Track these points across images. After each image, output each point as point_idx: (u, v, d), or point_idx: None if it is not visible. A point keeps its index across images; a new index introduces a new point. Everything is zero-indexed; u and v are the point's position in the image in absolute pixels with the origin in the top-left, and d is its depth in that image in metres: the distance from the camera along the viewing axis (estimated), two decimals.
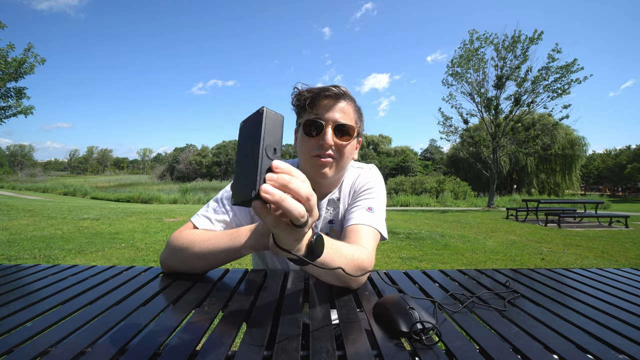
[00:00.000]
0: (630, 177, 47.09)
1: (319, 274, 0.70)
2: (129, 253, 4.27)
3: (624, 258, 4.66)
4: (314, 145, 0.87)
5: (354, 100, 0.92)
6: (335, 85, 0.88)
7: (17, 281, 0.81)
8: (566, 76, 12.25)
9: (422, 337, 0.52)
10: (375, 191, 0.99)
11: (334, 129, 0.86)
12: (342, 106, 0.88)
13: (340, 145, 0.87)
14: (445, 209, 14.84)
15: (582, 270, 1.01)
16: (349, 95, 0.90)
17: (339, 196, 1.02)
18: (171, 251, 0.84)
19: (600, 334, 0.56)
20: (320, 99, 0.86)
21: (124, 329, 0.54)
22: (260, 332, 0.54)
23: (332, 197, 1.01)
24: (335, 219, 1.02)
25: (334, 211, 1.02)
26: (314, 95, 0.87)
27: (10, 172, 51.77)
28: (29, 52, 10.68)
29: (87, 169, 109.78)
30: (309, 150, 0.88)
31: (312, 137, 0.87)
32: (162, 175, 58.62)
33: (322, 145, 0.86)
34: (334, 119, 0.86)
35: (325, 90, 0.86)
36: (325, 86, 0.88)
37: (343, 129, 0.87)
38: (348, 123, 0.87)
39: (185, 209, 11.62)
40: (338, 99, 0.87)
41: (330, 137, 0.85)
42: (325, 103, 0.87)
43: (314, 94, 0.87)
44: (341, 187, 1.03)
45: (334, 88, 0.87)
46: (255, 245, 0.74)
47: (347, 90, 0.89)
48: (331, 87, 0.87)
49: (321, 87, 0.88)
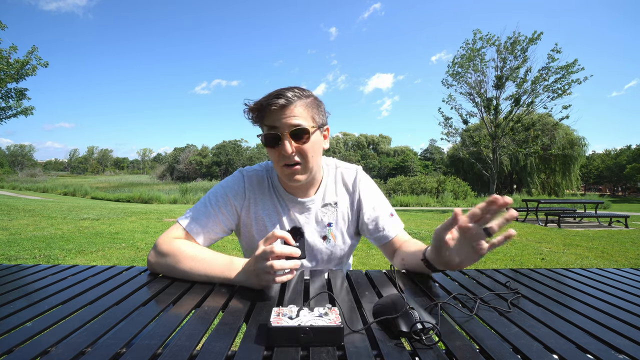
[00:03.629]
0: (630, 177, 47.07)
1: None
2: (129, 253, 4.28)
3: (624, 258, 4.66)
4: (278, 155, 0.89)
5: (304, 96, 0.89)
6: (279, 93, 0.86)
7: (17, 281, 0.81)
8: (566, 76, 12.26)
9: (422, 337, 0.52)
10: (378, 194, 1.08)
11: (291, 136, 0.86)
12: (292, 110, 0.86)
13: (301, 149, 0.88)
14: (445, 209, 14.83)
15: (582, 270, 1.01)
16: (297, 95, 0.88)
17: (336, 200, 1.05)
18: (159, 256, 0.85)
19: (600, 334, 0.56)
20: (269, 112, 0.87)
21: (124, 329, 0.54)
22: (260, 332, 0.54)
23: (329, 201, 1.04)
24: (334, 222, 1.04)
25: (332, 214, 1.04)
26: (261, 110, 0.87)
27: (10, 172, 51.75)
28: (32, 54, 10.70)
29: (87, 169, 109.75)
30: (276, 160, 0.90)
31: (273, 148, 0.88)
32: (162, 175, 58.61)
33: (283, 155, 0.87)
34: (287, 126, 0.86)
35: (270, 104, 0.85)
36: (270, 96, 0.86)
37: (299, 133, 0.87)
38: (302, 125, 0.86)
39: (185, 208, 11.61)
40: (284, 107, 0.86)
41: (288, 146, 0.86)
42: (274, 113, 0.86)
43: (261, 108, 0.87)
44: (336, 191, 1.05)
45: (279, 98, 0.85)
46: (244, 282, 0.76)
47: (293, 93, 0.87)
48: (275, 98, 0.85)
49: (267, 98, 0.86)
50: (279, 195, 1.02)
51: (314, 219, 1.02)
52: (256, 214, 1.00)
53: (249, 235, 1.02)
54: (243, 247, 1.10)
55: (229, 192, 0.98)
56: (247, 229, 1.02)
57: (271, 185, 1.02)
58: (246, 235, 1.03)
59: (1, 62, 10.07)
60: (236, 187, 1.00)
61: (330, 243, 1.03)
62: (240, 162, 53.06)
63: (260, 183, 1.02)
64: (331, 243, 1.04)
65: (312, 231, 1.02)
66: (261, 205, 1.00)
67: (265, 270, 0.69)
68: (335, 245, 1.04)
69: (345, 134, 64.34)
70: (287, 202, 1.01)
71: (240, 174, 1.02)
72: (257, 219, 1.00)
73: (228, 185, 1.00)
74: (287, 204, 1.01)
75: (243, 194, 0.99)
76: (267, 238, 0.72)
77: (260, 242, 0.73)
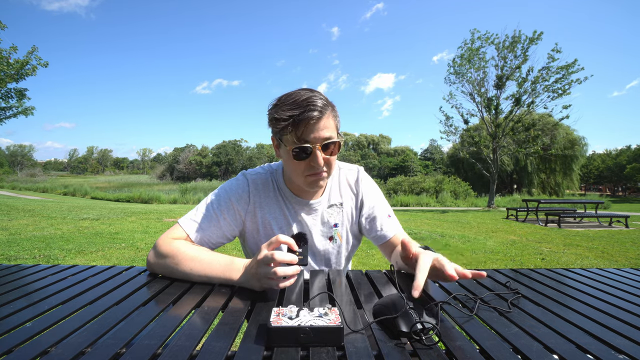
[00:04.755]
0: (630, 177, 47.05)
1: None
2: (129, 253, 4.28)
3: (624, 258, 4.66)
4: (305, 166, 0.87)
5: (330, 105, 0.87)
6: (310, 102, 0.81)
7: (17, 281, 0.81)
8: (566, 76, 12.26)
9: (422, 337, 0.52)
10: (378, 194, 1.09)
11: (322, 148, 0.85)
12: (324, 122, 0.84)
13: (329, 160, 0.87)
14: (445, 208, 14.83)
15: (582, 270, 1.01)
16: (325, 104, 0.84)
17: (341, 201, 1.05)
18: (158, 256, 0.85)
19: (600, 334, 0.56)
20: (304, 126, 0.82)
21: (124, 329, 0.54)
22: (260, 332, 0.54)
23: (334, 202, 1.04)
24: (340, 222, 1.04)
25: (337, 215, 1.04)
26: (295, 123, 0.82)
27: (10, 172, 51.70)
28: (32, 54, 10.70)
29: (87, 169, 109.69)
30: (302, 171, 0.88)
31: (301, 160, 0.86)
32: (162, 175, 58.59)
33: (313, 166, 0.86)
34: (320, 139, 0.83)
35: (308, 118, 0.81)
36: (302, 106, 0.81)
37: (330, 145, 0.86)
38: (334, 138, 0.85)
39: (185, 209, 11.62)
40: (320, 119, 0.83)
41: (320, 159, 0.85)
42: (310, 127, 0.82)
43: (295, 122, 0.81)
44: (340, 191, 1.05)
45: (313, 111, 0.81)
46: (245, 283, 0.76)
47: (324, 102, 0.84)
48: (310, 110, 0.80)
49: (299, 108, 0.81)
50: (285, 198, 1.00)
51: (320, 220, 1.02)
52: (263, 218, 0.98)
53: (255, 240, 1.00)
54: (247, 253, 1.07)
55: (232, 196, 0.96)
56: (253, 234, 1.00)
57: (276, 188, 1.00)
58: (252, 241, 1.01)
59: (1, 62, 10.07)
60: (240, 191, 0.97)
61: (336, 243, 1.04)
62: (240, 162, 53.08)
63: (265, 186, 1.00)
64: (337, 243, 1.04)
65: (319, 232, 1.02)
66: (267, 209, 0.98)
67: (267, 275, 0.69)
68: (341, 245, 1.05)
69: (345, 134, 64.35)
70: (293, 204, 1.00)
71: (244, 178, 0.99)
72: (264, 223, 0.99)
73: (232, 189, 0.97)
74: (293, 206, 1.00)
75: (247, 198, 0.97)
76: (271, 242, 0.72)
77: (263, 246, 0.73)
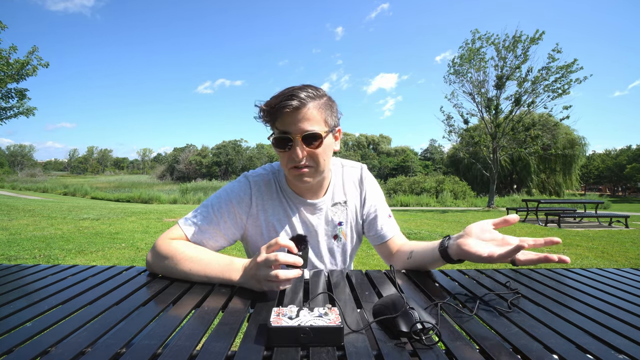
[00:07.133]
0: (630, 177, 47.07)
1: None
2: (129, 253, 4.28)
3: (624, 258, 4.66)
4: (288, 158, 0.86)
5: (317, 96, 0.85)
6: (292, 93, 0.82)
7: (17, 281, 0.80)
8: (566, 76, 12.26)
9: (422, 337, 0.52)
10: (380, 193, 1.10)
11: (303, 140, 0.83)
12: (305, 113, 0.83)
13: (312, 153, 0.86)
14: (445, 209, 14.83)
15: (582, 270, 1.01)
16: (311, 96, 0.83)
17: (345, 199, 1.04)
18: (157, 257, 0.85)
19: (600, 334, 0.56)
20: (281, 115, 0.83)
21: (124, 329, 0.54)
22: (260, 332, 0.54)
23: (338, 200, 1.04)
24: (344, 221, 1.04)
25: (342, 213, 1.04)
26: (273, 111, 0.83)
27: (10, 172, 51.73)
28: (33, 55, 10.69)
29: (87, 169, 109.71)
30: (286, 163, 0.88)
31: (284, 150, 0.86)
32: (162, 175, 58.59)
33: (293, 158, 0.85)
34: (300, 130, 0.82)
35: (283, 106, 0.81)
36: (283, 96, 0.82)
37: (311, 137, 0.84)
38: (315, 130, 0.83)
39: (185, 209, 11.62)
40: (297, 109, 0.82)
41: (299, 151, 0.83)
42: (287, 116, 0.83)
43: (272, 109, 0.83)
44: (344, 189, 1.05)
45: (292, 100, 0.81)
46: (244, 284, 0.75)
47: (307, 94, 0.83)
48: (289, 99, 0.81)
49: (279, 98, 0.82)
50: (288, 198, 0.99)
51: (325, 219, 1.02)
52: (266, 220, 0.97)
53: (259, 243, 0.99)
54: (250, 255, 1.04)
55: (233, 199, 0.94)
56: (256, 237, 0.99)
57: (279, 188, 0.99)
58: (254, 243, 1.00)
59: (1, 62, 10.06)
60: (242, 193, 0.95)
61: (341, 241, 1.04)
62: (240, 162, 53.04)
63: (267, 187, 0.98)
64: (342, 241, 1.04)
65: (323, 231, 1.02)
66: (270, 211, 0.97)
67: (268, 278, 0.69)
68: (346, 243, 1.05)
69: (345, 134, 64.36)
70: (296, 204, 0.99)
71: (246, 180, 0.98)
72: (267, 225, 0.97)
73: (233, 191, 0.96)
74: (296, 206, 0.99)
75: (249, 201, 0.96)
76: (270, 245, 0.71)
77: (262, 248, 0.72)
